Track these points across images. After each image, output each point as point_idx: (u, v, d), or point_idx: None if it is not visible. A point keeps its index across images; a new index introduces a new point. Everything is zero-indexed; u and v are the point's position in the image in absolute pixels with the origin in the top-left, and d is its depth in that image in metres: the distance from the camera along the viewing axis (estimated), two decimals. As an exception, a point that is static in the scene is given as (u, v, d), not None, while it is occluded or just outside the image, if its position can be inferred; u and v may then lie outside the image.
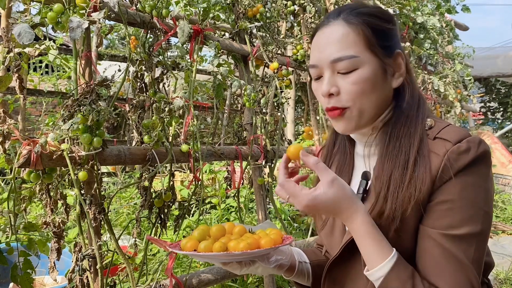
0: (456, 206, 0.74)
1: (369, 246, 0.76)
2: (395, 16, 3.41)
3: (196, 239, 0.84)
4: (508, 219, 4.75)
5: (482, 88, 10.81)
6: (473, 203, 0.74)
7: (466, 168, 0.74)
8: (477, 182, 0.74)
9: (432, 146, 0.78)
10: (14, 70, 1.12)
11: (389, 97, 0.85)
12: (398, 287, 0.73)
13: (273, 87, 1.99)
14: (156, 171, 1.35)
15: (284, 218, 3.17)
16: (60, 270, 1.80)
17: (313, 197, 0.74)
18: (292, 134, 4.73)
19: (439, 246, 0.74)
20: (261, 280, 2.49)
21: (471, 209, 0.73)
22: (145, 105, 1.45)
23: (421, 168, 0.76)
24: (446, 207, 0.74)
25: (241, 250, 0.78)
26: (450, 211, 0.74)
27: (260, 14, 1.91)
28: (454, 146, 0.75)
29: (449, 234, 0.73)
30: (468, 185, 0.74)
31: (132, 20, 1.37)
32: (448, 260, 0.73)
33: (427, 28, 3.91)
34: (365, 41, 0.80)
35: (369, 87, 0.80)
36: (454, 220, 0.73)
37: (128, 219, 3.24)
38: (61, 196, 1.20)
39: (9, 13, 1.16)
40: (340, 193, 0.75)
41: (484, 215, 0.74)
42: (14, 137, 1.10)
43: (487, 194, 0.76)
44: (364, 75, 0.79)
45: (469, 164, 0.74)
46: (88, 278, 1.19)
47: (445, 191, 0.75)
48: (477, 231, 0.73)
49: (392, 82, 0.84)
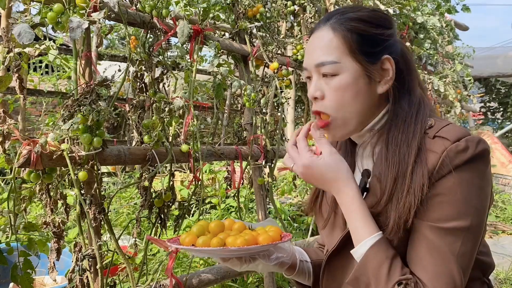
0: (447, 200, 0.74)
1: (357, 221, 0.79)
2: (394, 16, 3.41)
3: (195, 235, 0.85)
4: (508, 219, 4.75)
5: (482, 88, 10.81)
6: (465, 199, 0.74)
7: (463, 165, 0.74)
8: (472, 179, 0.75)
9: (431, 144, 0.78)
10: (14, 70, 1.12)
11: (375, 103, 0.85)
12: (375, 266, 0.75)
13: (273, 87, 1.98)
14: (156, 171, 1.35)
15: (284, 218, 3.17)
16: (60, 270, 1.80)
17: (312, 159, 0.80)
18: (292, 134, 4.73)
19: (425, 238, 0.75)
20: (261, 280, 2.49)
21: (462, 204, 0.74)
22: (145, 105, 1.45)
23: (418, 175, 0.76)
24: (438, 201, 0.75)
25: (238, 246, 0.78)
26: (441, 204, 0.75)
27: (260, 14, 1.91)
28: (453, 144, 0.75)
29: (436, 226, 0.74)
30: (462, 181, 0.74)
31: (132, 20, 1.37)
32: (431, 252, 0.74)
33: (427, 28, 3.91)
34: (347, 47, 0.82)
35: (351, 94, 0.82)
36: (444, 214, 0.74)
37: (128, 219, 3.24)
38: (61, 196, 1.20)
39: (9, 13, 1.16)
40: (339, 164, 0.81)
41: (475, 212, 0.75)
42: (14, 137, 1.10)
43: (482, 192, 0.76)
44: (344, 81, 0.81)
45: (466, 162, 0.74)
46: (88, 278, 1.19)
47: (439, 186, 0.75)
48: (465, 226, 0.73)
49: (377, 88, 0.84)
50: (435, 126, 0.81)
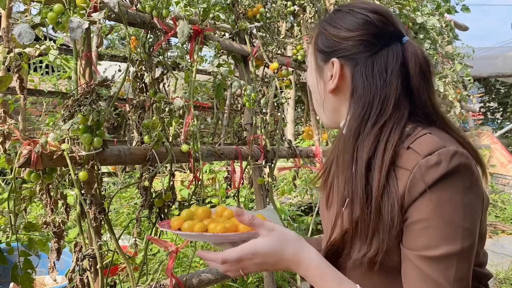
0: (431, 225, 0.68)
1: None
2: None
3: (183, 219, 0.87)
4: (508, 219, 4.75)
5: (482, 88, 10.81)
6: (450, 221, 0.67)
7: (438, 183, 0.67)
8: (452, 198, 0.68)
9: (404, 158, 0.72)
10: (15, 70, 1.13)
11: (335, 102, 0.86)
12: None
13: (273, 87, 1.99)
14: (156, 171, 1.35)
15: (284, 218, 3.17)
16: (60, 270, 1.80)
17: (253, 247, 0.73)
18: (292, 134, 4.73)
19: (416, 269, 0.69)
20: (261, 280, 2.49)
21: (448, 227, 0.67)
22: (145, 105, 1.45)
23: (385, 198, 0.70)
24: (421, 227, 0.69)
25: (217, 232, 0.79)
26: (425, 230, 0.68)
27: (260, 14, 1.92)
28: (423, 159, 0.68)
29: (425, 255, 0.68)
30: (442, 201, 0.67)
31: (132, 20, 1.37)
32: (426, 283, 0.68)
33: (427, 28, 3.91)
34: (313, 43, 0.88)
35: (312, 89, 0.89)
36: (430, 241, 0.68)
37: (128, 219, 3.24)
38: (61, 196, 1.20)
39: (9, 13, 1.16)
40: (282, 239, 0.74)
41: (464, 232, 0.68)
42: (14, 137, 1.10)
43: (467, 209, 0.68)
44: (308, 73, 0.90)
45: (440, 179, 0.67)
46: (88, 278, 1.19)
47: (418, 210, 0.69)
48: (456, 251, 0.67)
49: (327, 87, 0.85)
50: (412, 134, 0.74)
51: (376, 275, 0.77)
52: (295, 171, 2.24)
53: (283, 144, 2.05)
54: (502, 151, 5.96)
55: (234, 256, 0.73)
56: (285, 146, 2.05)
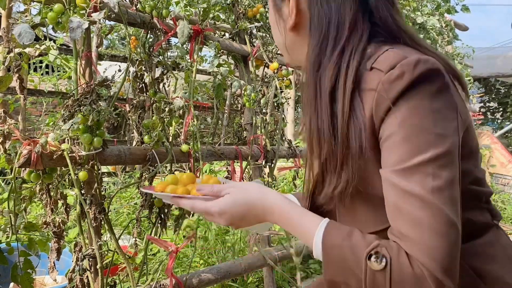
0: (400, 138, 0.63)
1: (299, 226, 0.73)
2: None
3: (167, 184, 0.91)
4: (508, 219, 4.75)
5: (482, 88, 10.82)
6: (420, 129, 0.63)
7: (404, 95, 0.63)
8: (419, 105, 0.63)
9: (368, 80, 0.68)
10: (15, 70, 1.13)
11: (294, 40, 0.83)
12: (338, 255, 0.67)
13: (273, 87, 1.99)
14: (156, 171, 1.35)
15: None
16: (60, 270, 1.80)
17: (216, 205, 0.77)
18: (292, 134, 4.74)
19: (393, 186, 0.64)
20: (261, 279, 2.49)
21: (418, 136, 0.63)
22: (145, 105, 1.46)
23: (351, 126, 0.68)
24: (391, 142, 0.65)
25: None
26: (395, 144, 0.64)
27: (260, 14, 1.92)
28: (385, 75, 0.64)
29: (398, 169, 0.63)
30: (409, 111, 0.63)
31: (132, 20, 1.37)
32: (403, 198, 0.63)
33: (427, 28, 3.91)
34: None
35: (273, 30, 0.87)
36: (402, 153, 0.63)
37: (128, 219, 3.24)
38: (61, 196, 1.20)
39: (9, 13, 1.17)
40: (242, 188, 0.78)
41: (438, 139, 0.63)
42: (14, 137, 1.10)
43: (437, 115, 0.63)
44: (269, 17, 0.88)
45: (405, 90, 0.63)
46: (88, 278, 1.19)
47: (387, 126, 0.65)
48: (430, 157, 0.62)
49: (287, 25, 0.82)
50: (374, 54, 0.69)
51: (359, 207, 0.76)
52: (295, 171, 2.25)
53: (283, 144, 2.05)
54: (502, 151, 5.96)
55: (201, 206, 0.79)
56: (285, 146, 2.05)
